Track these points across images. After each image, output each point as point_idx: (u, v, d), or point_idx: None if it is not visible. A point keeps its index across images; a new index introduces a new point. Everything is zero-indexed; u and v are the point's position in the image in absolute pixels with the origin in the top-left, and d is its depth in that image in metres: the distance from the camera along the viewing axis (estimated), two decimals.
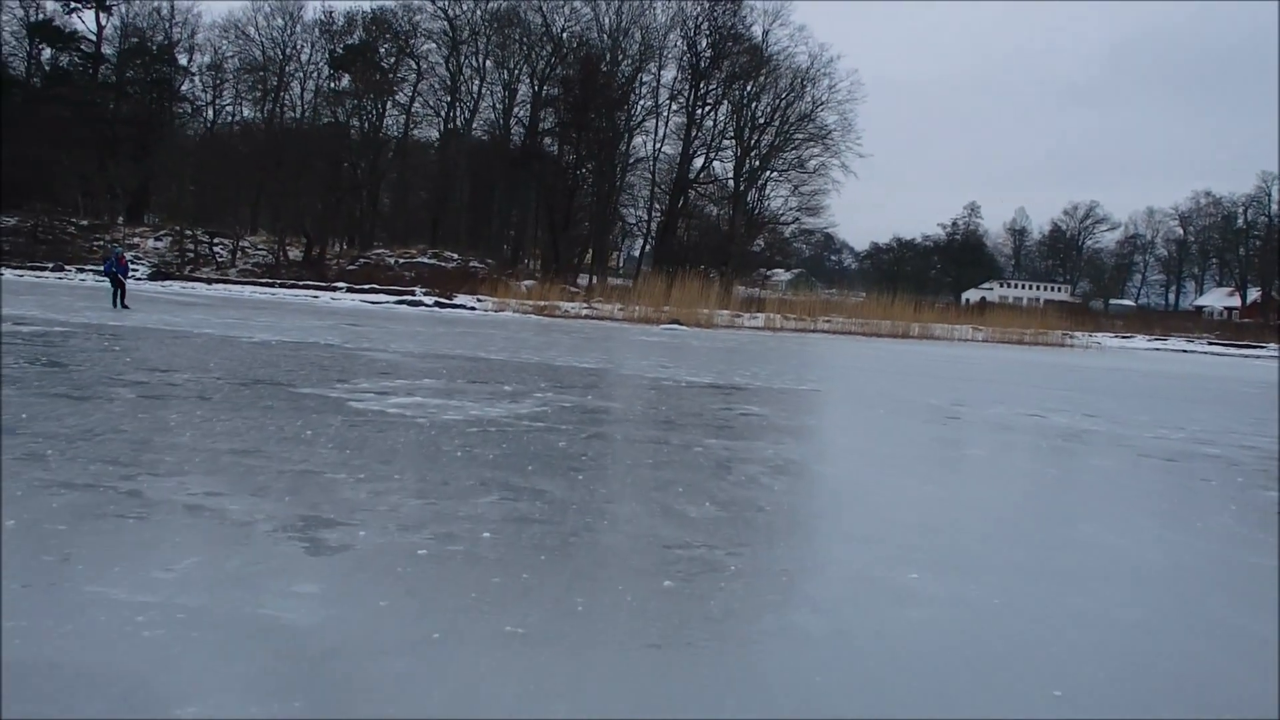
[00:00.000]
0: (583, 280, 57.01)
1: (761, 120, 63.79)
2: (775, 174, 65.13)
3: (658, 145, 64.87)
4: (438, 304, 44.09)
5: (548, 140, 62.78)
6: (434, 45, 61.21)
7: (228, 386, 10.96)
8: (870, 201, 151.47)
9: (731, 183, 65.27)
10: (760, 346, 29.59)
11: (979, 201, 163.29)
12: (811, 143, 64.06)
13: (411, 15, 60.42)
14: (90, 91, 59.51)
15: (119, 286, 26.41)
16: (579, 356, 19.73)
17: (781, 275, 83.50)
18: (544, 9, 60.48)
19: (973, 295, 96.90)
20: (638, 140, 65.20)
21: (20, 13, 60.01)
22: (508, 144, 61.50)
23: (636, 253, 72.95)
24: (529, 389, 12.64)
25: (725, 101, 64.55)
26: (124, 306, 25.36)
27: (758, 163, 64.58)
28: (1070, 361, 33.22)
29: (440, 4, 60.19)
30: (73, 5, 60.28)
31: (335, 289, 47.62)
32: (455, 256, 56.45)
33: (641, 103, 63.45)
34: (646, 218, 66.97)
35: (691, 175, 64.57)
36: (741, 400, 13.21)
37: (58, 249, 49.49)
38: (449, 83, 61.64)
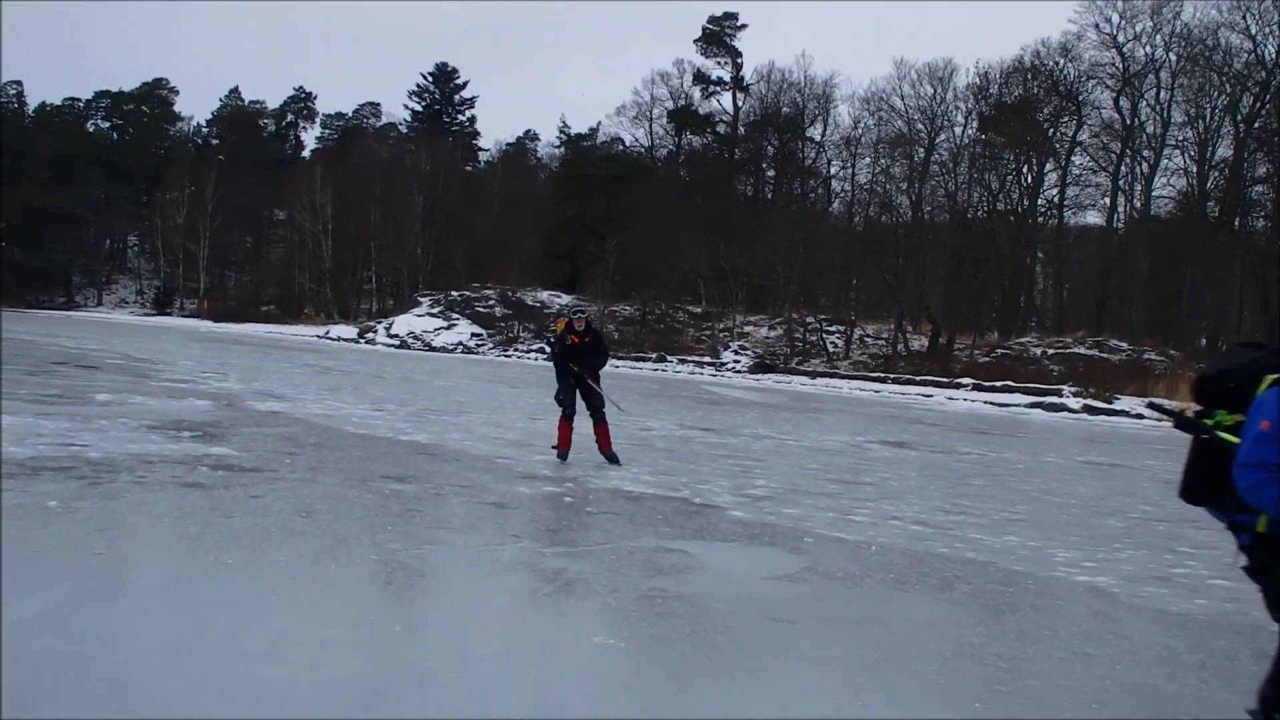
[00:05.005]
0: None
1: None
2: None
3: None
4: (1087, 409, 32.63)
5: (1259, 193, 47.39)
6: (1101, 85, 49.60)
7: None
8: None
9: None
10: None
11: None
12: None
13: (1073, 52, 49.71)
14: (716, 171, 57.98)
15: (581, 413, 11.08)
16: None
17: None
18: (1251, 30, 45.86)
19: None
20: None
21: (670, 103, 61.23)
22: (1203, 204, 47.45)
23: None
24: None
25: None
26: (559, 450, 10.88)
27: None
28: None
29: (1108, 30, 48.75)
30: (711, 89, 60.01)
31: (959, 386, 38.33)
32: (1125, 347, 43.94)
33: None
34: None
35: None
36: None
37: (665, 339, 46.91)
38: (1120, 132, 49.46)
